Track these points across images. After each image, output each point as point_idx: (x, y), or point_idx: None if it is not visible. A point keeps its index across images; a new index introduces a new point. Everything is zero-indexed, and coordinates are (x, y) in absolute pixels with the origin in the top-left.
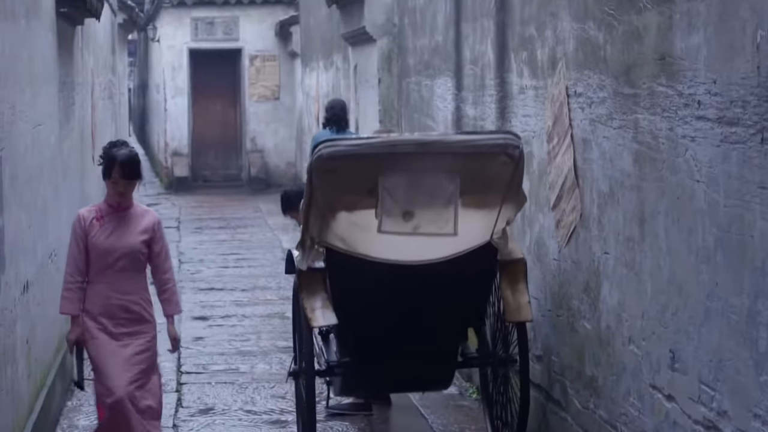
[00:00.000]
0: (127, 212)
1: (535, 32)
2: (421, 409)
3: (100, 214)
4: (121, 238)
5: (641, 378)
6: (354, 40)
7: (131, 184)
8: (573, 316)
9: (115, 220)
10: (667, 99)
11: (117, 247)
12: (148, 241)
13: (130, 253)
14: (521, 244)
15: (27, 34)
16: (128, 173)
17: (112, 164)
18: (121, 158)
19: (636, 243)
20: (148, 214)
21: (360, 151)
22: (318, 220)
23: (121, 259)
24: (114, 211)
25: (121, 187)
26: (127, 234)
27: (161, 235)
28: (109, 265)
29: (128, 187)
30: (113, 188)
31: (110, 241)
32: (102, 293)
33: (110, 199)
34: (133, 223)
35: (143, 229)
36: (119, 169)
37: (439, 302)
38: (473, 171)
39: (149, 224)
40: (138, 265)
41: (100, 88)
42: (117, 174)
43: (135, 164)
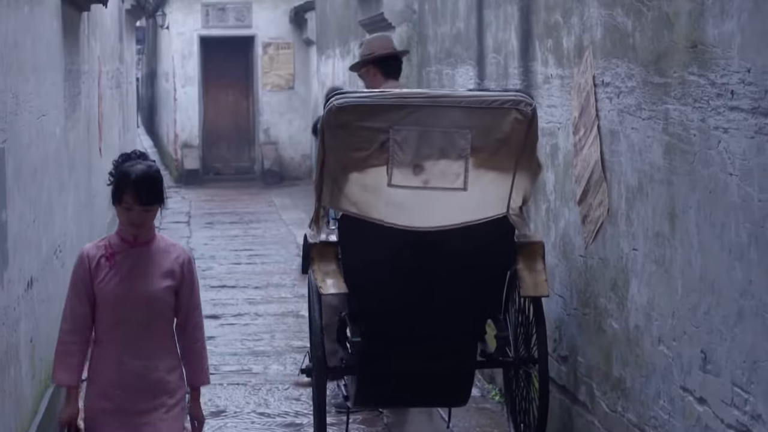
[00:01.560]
0: (146, 248)
1: (560, 19)
2: (441, 412)
3: (111, 252)
4: (138, 284)
5: (671, 380)
6: (372, 27)
7: (150, 212)
8: (600, 315)
9: (130, 259)
10: (698, 88)
11: (133, 295)
12: (175, 287)
13: (150, 303)
14: (546, 240)
15: (31, 20)
16: (146, 197)
17: (124, 185)
18: (137, 177)
19: (666, 239)
20: (175, 250)
21: (371, 102)
22: (330, 184)
23: (139, 311)
24: (129, 247)
25: (136, 215)
26: (147, 278)
27: (192, 279)
28: (123, 320)
29: (146, 216)
30: (127, 217)
31: (124, 287)
32: (113, 357)
33: (123, 232)
34: (155, 262)
35: (168, 271)
36: (134, 191)
37: (454, 282)
38: (485, 127)
39: (176, 264)
40: (161, 318)
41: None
42: (131, 198)
43: (154, 184)
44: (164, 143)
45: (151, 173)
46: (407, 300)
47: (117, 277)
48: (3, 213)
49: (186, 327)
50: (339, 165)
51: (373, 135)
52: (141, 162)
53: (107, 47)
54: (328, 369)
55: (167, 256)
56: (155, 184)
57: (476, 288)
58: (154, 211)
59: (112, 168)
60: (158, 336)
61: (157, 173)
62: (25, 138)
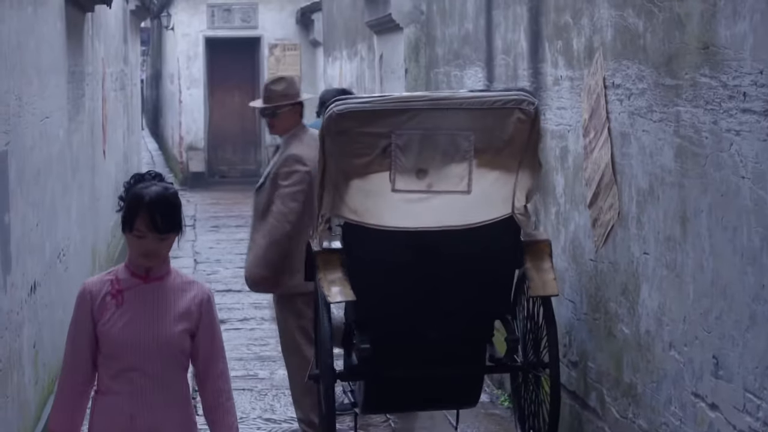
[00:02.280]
0: (159, 285)
1: (570, 20)
2: (449, 418)
3: (118, 288)
4: (149, 327)
5: (683, 385)
6: (379, 28)
7: (165, 241)
8: (610, 319)
9: (140, 297)
10: (710, 90)
11: (143, 340)
12: (192, 330)
13: (163, 349)
14: (556, 243)
15: (34, 21)
16: (161, 223)
17: (137, 208)
18: (151, 200)
19: (677, 243)
20: (192, 288)
21: (371, 107)
22: (331, 192)
23: (150, 359)
24: (140, 283)
25: (150, 245)
26: (160, 319)
27: (212, 321)
28: (131, 368)
29: (161, 246)
30: (138, 247)
31: (132, 330)
32: (118, 412)
33: (134, 265)
34: (170, 301)
35: (184, 312)
36: (147, 216)
37: (462, 284)
38: (488, 128)
39: (194, 304)
40: (176, 367)
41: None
42: (144, 224)
43: (172, 209)
44: (169, 146)
45: (168, 196)
46: (415, 304)
47: (124, 318)
48: (6, 216)
49: (207, 378)
50: (340, 172)
51: (375, 140)
52: (156, 183)
53: (111, 48)
54: (337, 375)
55: (184, 295)
56: (172, 209)
57: (484, 290)
58: (170, 240)
59: (123, 191)
60: (172, 388)
61: (174, 197)
62: (28, 140)
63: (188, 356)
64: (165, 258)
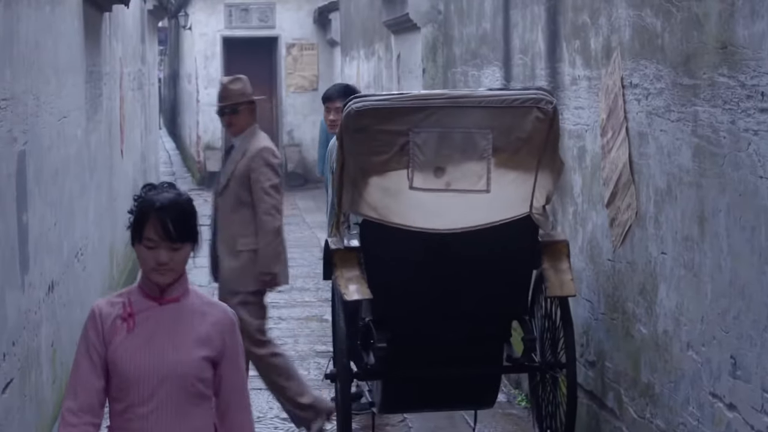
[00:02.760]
0: (176, 307)
1: (588, 19)
2: (466, 417)
3: (129, 311)
4: (165, 354)
5: (701, 385)
6: (397, 27)
7: (180, 252)
8: (628, 319)
9: (155, 320)
10: (728, 90)
11: (158, 368)
12: (213, 358)
13: (180, 379)
14: (573, 243)
15: (52, 20)
16: (174, 230)
17: (146, 215)
18: (162, 205)
19: (695, 243)
20: (214, 311)
21: (390, 105)
22: (350, 189)
23: (166, 389)
24: (154, 305)
25: (162, 255)
26: (177, 345)
27: (236, 349)
28: (145, 400)
29: (175, 257)
30: (150, 259)
31: (146, 357)
32: None
33: (147, 285)
34: (188, 325)
35: (204, 338)
36: (159, 222)
37: (479, 283)
38: (506, 127)
39: (215, 329)
40: (195, 398)
41: (128, 78)
42: (155, 231)
43: (185, 215)
44: (186, 145)
45: (181, 201)
46: (432, 304)
47: (137, 344)
48: (24, 216)
49: (228, 411)
50: (359, 169)
51: (393, 138)
52: (169, 190)
53: (129, 48)
54: (353, 375)
55: (204, 319)
56: (186, 215)
57: (501, 289)
58: (184, 251)
59: (133, 203)
60: (191, 421)
61: (188, 204)
62: (46, 140)
63: (210, 386)
64: (181, 275)
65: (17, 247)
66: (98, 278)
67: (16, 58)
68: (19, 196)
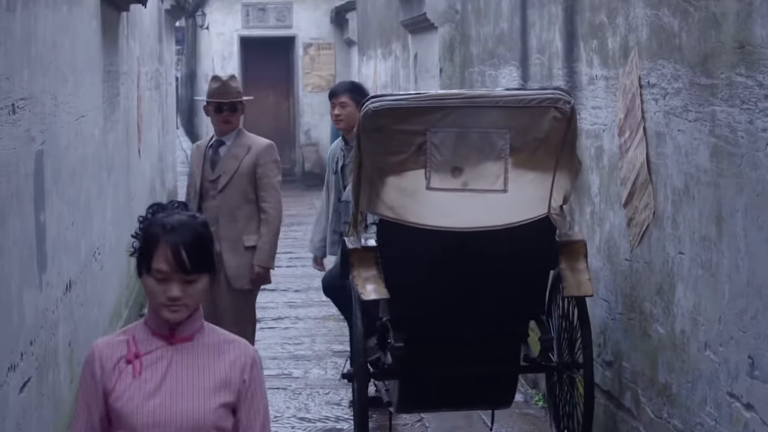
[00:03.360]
0: (189, 347)
1: (605, 19)
2: (483, 418)
3: (135, 352)
4: (176, 402)
5: (718, 385)
6: (414, 27)
7: (195, 285)
8: (645, 319)
9: (164, 363)
10: (746, 90)
11: (169, 419)
12: (234, 404)
13: (194, 431)
14: (590, 243)
15: (69, 20)
16: (189, 260)
17: (155, 241)
18: (173, 228)
19: (713, 243)
20: (233, 349)
21: (407, 105)
22: (367, 189)
23: None
24: (163, 345)
25: (175, 290)
26: (190, 393)
27: (258, 391)
28: None
29: (188, 291)
30: (159, 293)
31: (153, 408)
32: None
33: (155, 321)
34: (203, 368)
35: (222, 382)
36: (168, 251)
37: (496, 283)
38: (524, 127)
39: (235, 370)
40: None
41: (146, 77)
42: (165, 261)
43: (201, 242)
44: None
45: (197, 225)
46: (449, 303)
47: (143, 391)
48: (41, 215)
49: None
50: (376, 169)
51: (410, 138)
52: (180, 212)
53: (146, 48)
54: (370, 374)
55: (221, 358)
56: (203, 241)
57: (519, 289)
58: (200, 284)
59: (138, 226)
60: None
61: (204, 227)
62: (63, 140)
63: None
64: (195, 309)
65: (35, 247)
66: (115, 278)
67: (34, 58)
68: (36, 195)
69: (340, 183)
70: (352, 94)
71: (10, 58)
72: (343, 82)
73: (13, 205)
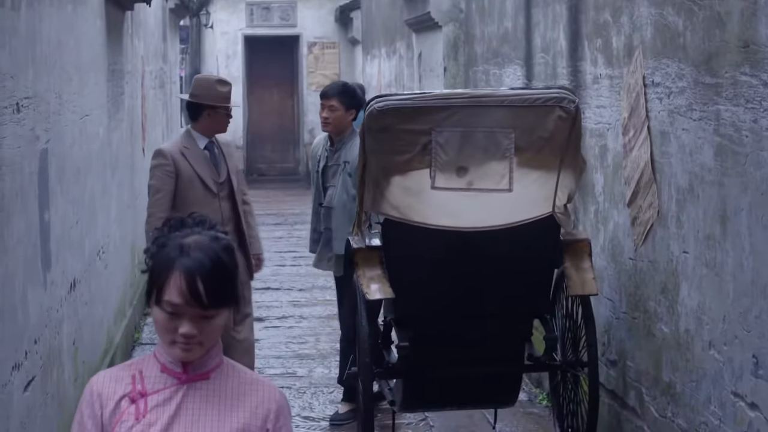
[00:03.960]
0: (204, 386)
1: (610, 18)
2: (487, 416)
3: (140, 390)
4: None
5: (722, 385)
6: (418, 26)
7: (213, 321)
8: (650, 318)
9: (173, 404)
10: (750, 89)
11: None
12: None
13: None
14: (595, 242)
15: (74, 19)
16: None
17: (167, 269)
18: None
19: (717, 242)
20: (257, 391)
21: (411, 104)
22: (372, 189)
23: None
24: (173, 383)
25: (188, 327)
26: None
27: None
28: None
29: (206, 329)
30: (170, 329)
31: None
32: None
33: (165, 356)
34: (219, 411)
35: (243, 429)
36: (183, 282)
37: (501, 282)
38: (528, 126)
39: (257, 415)
40: None
41: (150, 76)
42: (178, 294)
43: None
44: None
45: (218, 251)
46: (453, 302)
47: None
48: (46, 214)
49: None
50: (381, 169)
51: (415, 137)
52: (201, 230)
53: (151, 47)
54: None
55: (242, 402)
56: (226, 271)
57: (523, 288)
58: (219, 319)
59: (150, 243)
60: None
61: (227, 253)
62: (68, 138)
63: None
64: (213, 345)
65: (39, 245)
66: (120, 276)
67: (39, 57)
68: (41, 194)
69: (319, 183)
70: (342, 98)
71: (14, 57)
72: (335, 84)
73: (17, 204)
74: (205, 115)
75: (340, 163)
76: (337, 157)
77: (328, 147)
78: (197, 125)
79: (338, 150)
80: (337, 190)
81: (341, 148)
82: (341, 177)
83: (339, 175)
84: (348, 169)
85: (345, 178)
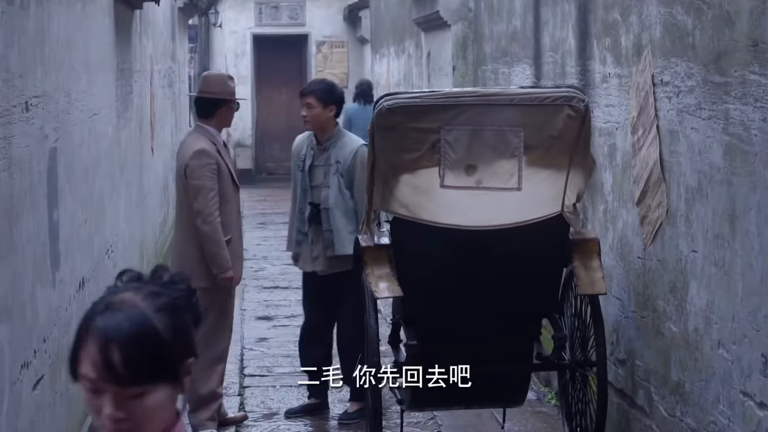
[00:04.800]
0: None
1: (619, 17)
2: (496, 415)
3: None
4: None
5: (731, 384)
6: (427, 25)
7: (143, 399)
8: (658, 317)
9: None
10: (759, 88)
11: None
12: None
13: None
14: (603, 241)
15: (83, 18)
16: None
17: (83, 334)
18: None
19: (726, 241)
20: None
21: (421, 103)
22: (380, 187)
23: None
24: None
25: (109, 407)
26: None
27: None
28: None
29: (136, 409)
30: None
31: None
32: None
33: None
34: None
35: None
36: (96, 352)
37: (510, 281)
38: (538, 125)
39: None
40: None
41: (159, 75)
42: (91, 367)
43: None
44: None
45: (148, 311)
46: (463, 301)
47: None
48: (55, 213)
49: None
50: (389, 167)
51: (424, 136)
52: (142, 287)
53: (159, 46)
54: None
55: None
56: (152, 337)
57: (532, 287)
58: (153, 396)
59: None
60: None
61: (166, 311)
62: (77, 137)
63: None
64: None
65: (48, 244)
66: None
67: (48, 55)
68: (50, 193)
69: (306, 182)
70: (319, 95)
71: (23, 56)
72: (314, 82)
73: (26, 203)
74: (222, 111)
75: (331, 163)
76: (326, 156)
77: (314, 146)
78: (212, 121)
79: (327, 149)
80: (332, 190)
81: (331, 147)
82: (335, 177)
83: (333, 175)
84: (340, 169)
85: (338, 178)
